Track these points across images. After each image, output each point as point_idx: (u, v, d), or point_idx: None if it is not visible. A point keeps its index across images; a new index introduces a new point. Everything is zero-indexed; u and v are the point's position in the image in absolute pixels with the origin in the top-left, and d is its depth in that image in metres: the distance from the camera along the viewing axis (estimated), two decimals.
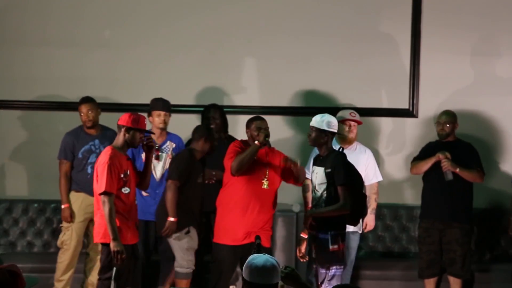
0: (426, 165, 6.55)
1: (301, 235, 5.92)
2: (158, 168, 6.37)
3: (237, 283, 6.44)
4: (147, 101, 6.78)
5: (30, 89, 7.36)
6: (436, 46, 7.35)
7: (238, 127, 6.96)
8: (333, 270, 5.59)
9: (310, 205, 6.38)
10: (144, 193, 6.34)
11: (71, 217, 6.47)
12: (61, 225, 6.61)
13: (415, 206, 7.26)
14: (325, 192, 5.65)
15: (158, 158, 6.36)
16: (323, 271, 5.61)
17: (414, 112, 7.38)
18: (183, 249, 6.11)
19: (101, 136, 6.57)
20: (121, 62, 7.37)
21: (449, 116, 6.60)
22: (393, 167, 7.39)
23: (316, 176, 5.73)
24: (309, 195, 6.37)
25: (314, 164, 5.84)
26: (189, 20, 7.35)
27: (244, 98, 7.39)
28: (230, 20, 7.36)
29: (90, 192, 6.39)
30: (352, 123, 6.52)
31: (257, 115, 6.23)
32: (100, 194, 5.46)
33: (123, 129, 5.62)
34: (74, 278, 6.58)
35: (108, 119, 7.21)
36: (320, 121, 5.68)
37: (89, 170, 6.47)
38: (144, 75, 7.36)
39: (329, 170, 5.61)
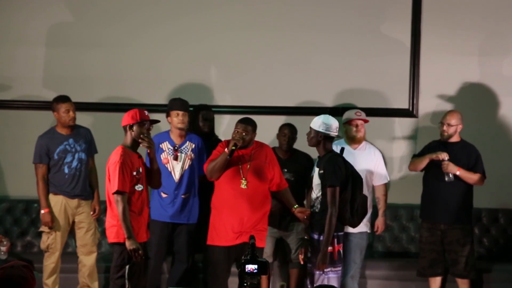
0: (421, 163, 6.49)
1: (305, 237, 5.94)
2: (177, 169, 6.23)
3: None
4: (148, 101, 6.79)
5: (30, 89, 7.36)
6: (436, 45, 7.36)
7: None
8: (329, 273, 5.60)
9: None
10: (163, 194, 6.27)
11: (52, 221, 6.41)
12: (41, 229, 6.51)
13: (415, 206, 7.25)
14: (320, 193, 5.67)
15: (176, 158, 6.25)
16: (317, 272, 5.61)
17: (414, 112, 7.38)
18: None
19: (75, 135, 6.48)
20: (121, 62, 7.35)
21: (452, 117, 6.50)
22: (393, 167, 7.38)
23: (314, 177, 5.77)
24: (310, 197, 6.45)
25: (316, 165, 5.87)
26: (190, 19, 7.34)
27: (244, 98, 7.37)
28: (230, 19, 7.36)
29: (69, 194, 6.41)
30: (359, 122, 6.49)
31: (245, 117, 6.14)
32: (113, 193, 5.43)
33: (127, 128, 5.59)
34: (60, 277, 6.55)
35: (108, 119, 7.22)
36: (315, 122, 5.70)
37: (66, 170, 6.41)
38: (145, 75, 7.34)
39: (321, 171, 5.64)
